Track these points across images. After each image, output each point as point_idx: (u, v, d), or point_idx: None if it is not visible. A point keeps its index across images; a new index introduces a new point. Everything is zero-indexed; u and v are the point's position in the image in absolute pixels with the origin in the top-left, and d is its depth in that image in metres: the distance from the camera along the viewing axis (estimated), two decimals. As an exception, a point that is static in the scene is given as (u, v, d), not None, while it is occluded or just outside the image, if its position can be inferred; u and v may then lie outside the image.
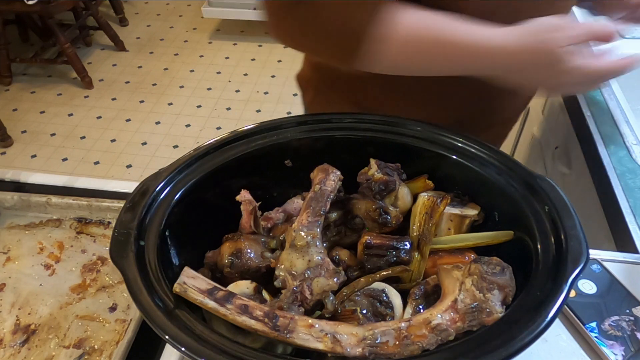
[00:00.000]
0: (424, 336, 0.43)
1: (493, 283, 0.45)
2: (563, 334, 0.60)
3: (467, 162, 0.58)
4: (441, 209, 0.56)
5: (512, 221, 0.54)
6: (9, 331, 0.64)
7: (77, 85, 2.79)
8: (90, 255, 0.74)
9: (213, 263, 0.56)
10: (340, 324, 0.44)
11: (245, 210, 0.56)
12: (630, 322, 0.60)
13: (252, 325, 0.44)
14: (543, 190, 0.52)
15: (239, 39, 3.17)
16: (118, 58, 3.02)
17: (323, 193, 0.54)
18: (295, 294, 0.48)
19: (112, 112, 2.64)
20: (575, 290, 0.63)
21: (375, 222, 0.57)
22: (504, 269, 0.46)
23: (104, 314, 0.66)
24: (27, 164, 2.35)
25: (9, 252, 0.74)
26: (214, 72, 2.92)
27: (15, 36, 3.05)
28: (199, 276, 0.47)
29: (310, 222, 0.51)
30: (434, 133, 0.60)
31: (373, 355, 0.42)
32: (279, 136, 0.62)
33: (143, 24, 3.35)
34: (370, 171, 0.59)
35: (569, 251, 0.46)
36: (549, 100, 1.25)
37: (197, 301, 0.45)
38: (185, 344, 0.41)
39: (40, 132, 2.52)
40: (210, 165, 0.58)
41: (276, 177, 0.63)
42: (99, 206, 0.77)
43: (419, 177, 0.61)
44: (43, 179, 0.84)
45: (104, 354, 0.62)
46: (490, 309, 0.44)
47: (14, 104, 2.69)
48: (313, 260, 0.49)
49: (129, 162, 2.36)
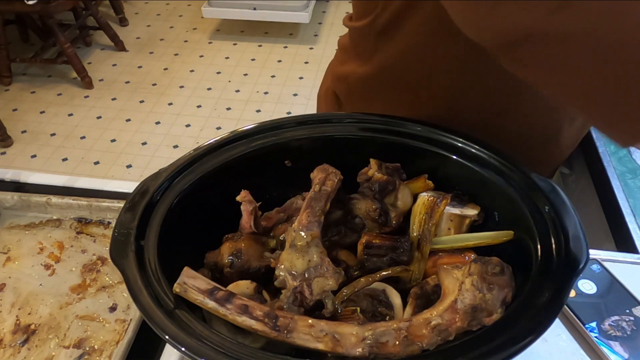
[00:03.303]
0: (424, 336, 0.43)
1: (493, 283, 0.45)
2: (563, 334, 0.60)
3: (467, 162, 0.58)
4: (441, 209, 0.56)
5: (512, 221, 0.54)
6: (9, 331, 0.64)
7: (77, 85, 2.79)
8: (90, 255, 0.74)
9: (213, 263, 0.56)
10: (340, 324, 0.44)
11: (245, 210, 0.56)
12: (630, 322, 0.60)
13: (252, 325, 0.44)
14: (543, 190, 0.52)
15: (239, 39, 3.17)
16: (118, 58, 3.02)
17: (323, 193, 0.54)
18: (295, 294, 0.48)
19: (112, 112, 2.64)
20: (575, 290, 0.63)
21: (375, 222, 0.57)
22: (504, 269, 0.46)
23: (104, 314, 0.66)
24: (27, 164, 2.35)
25: (9, 252, 0.74)
26: (214, 72, 2.92)
27: (15, 36, 3.04)
28: (199, 276, 0.47)
29: (310, 222, 0.51)
30: (434, 133, 0.60)
31: (373, 355, 0.42)
32: (279, 136, 0.62)
33: (143, 24, 3.35)
34: (370, 171, 0.59)
35: (569, 251, 0.46)
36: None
37: (197, 301, 0.45)
38: (185, 344, 0.41)
39: (40, 132, 2.52)
40: (210, 166, 0.58)
41: (276, 177, 0.63)
42: (99, 206, 0.77)
43: (419, 177, 0.61)
44: (43, 179, 0.84)
45: (104, 354, 0.62)
46: (490, 309, 0.44)
47: (14, 104, 2.69)
48: (313, 260, 0.49)
49: (129, 162, 2.36)
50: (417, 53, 0.65)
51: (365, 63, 0.72)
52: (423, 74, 0.67)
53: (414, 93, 0.69)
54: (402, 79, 0.69)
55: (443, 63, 0.64)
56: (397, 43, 0.65)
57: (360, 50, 0.73)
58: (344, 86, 0.78)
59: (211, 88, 2.80)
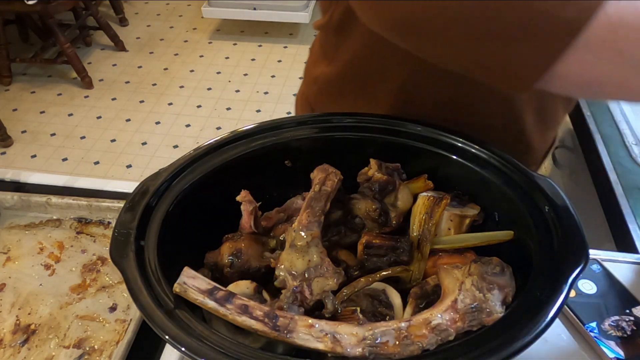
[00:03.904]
0: (424, 336, 0.43)
1: (493, 283, 0.45)
2: (563, 334, 0.60)
3: (467, 162, 0.58)
4: (441, 209, 0.56)
5: (512, 221, 0.54)
6: (9, 331, 0.64)
7: (77, 85, 2.80)
8: (90, 255, 0.74)
9: (213, 263, 0.56)
10: (340, 324, 0.44)
11: (246, 210, 0.56)
12: (630, 322, 0.59)
13: (252, 325, 0.44)
14: (543, 190, 0.52)
15: (239, 39, 3.18)
16: (118, 58, 3.02)
17: (323, 193, 0.54)
18: (295, 294, 0.48)
19: (112, 112, 2.64)
20: (575, 290, 0.63)
21: (375, 222, 0.57)
22: (504, 269, 0.46)
23: (104, 314, 0.66)
24: (27, 164, 2.35)
25: (9, 252, 0.74)
26: (214, 72, 2.92)
27: (15, 36, 3.05)
28: (199, 276, 0.47)
29: (310, 222, 0.51)
30: (434, 133, 0.60)
31: (373, 355, 0.42)
32: (279, 136, 0.62)
33: (143, 24, 3.35)
34: (370, 171, 0.59)
35: (569, 251, 0.46)
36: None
37: (197, 301, 0.45)
38: (185, 344, 0.41)
39: (40, 132, 2.52)
40: (210, 166, 0.58)
41: (276, 177, 0.63)
42: (99, 206, 0.77)
43: (419, 177, 0.61)
44: (43, 179, 0.84)
45: (104, 354, 0.62)
46: (490, 309, 0.44)
47: (14, 104, 2.69)
48: (313, 260, 0.49)
49: (129, 162, 2.36)
50: (371, 48, 0.65)
51: (331, 63, 0.73)
52: (378, 69, 0.67)
53: (373, 88, 0.70)
54: (361, 75, 0.70)
55: (396, 57, 0.64)
56: (353, 40, 0.66)
57: (326, 50, 0.74)
58: (315, 88, 0.78)
59: (211, 88, 2.80)
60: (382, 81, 0.68)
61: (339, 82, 0.73)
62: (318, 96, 0.78)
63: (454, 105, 0.67)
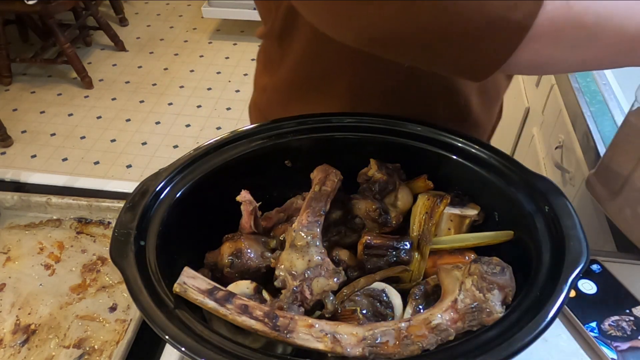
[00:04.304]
0: (424, 336, 0.43)
1: (493, 283, 0.45)
2: (563, 334, 0.60)
3: (467, 162, 0.58)
4: (441, 209, 0.56)
5: (512, 221, 0.54)
6: (9, 331, 0.64)
7: (77, 85, 2.80)
8: (90, 255, 0.74)
9: (213, 263, 0.56)
10: (340, 324, 0.44)
11: (245, 211, 0.57)
12: (630, 322, 0.59)
13: (252, 325, 0.44)
14: (543, 190, 0.52)
15: (239, 39, 3.18)
16: (118, 58, 3.02)
17: (323, 193, 0.54)
18: (295, 294, 0.48)
19: (112, 112, 2.64)
20: (575, 290, 0.63)
21: (375, 222, 0.57)
22: (504, 269, 0.46)
23: (104, 314, 0.66)
24: (27, 164, 2.35)
25: (9, 252, 0.74)
26: (214, 72, 2.92)
27: (15, 36, 3.05)
28: (199, 276, 0.47)
29: (310, 222, 0.51)
30: (434, 133, 0.60)
31: (373, 355, 0.42)
32: (279, 136, 0.62)
33: (143, 24, 3.35)
34: (370, 171, 0.59)
35: (569, 251, 0.46)
36: (549, 100, 1.25)
37: (197, 301, 0.45)
38: (185, 344, 0.41)
39: (40, 132, 2.52)
40: (210, 166, 0.58)
41: (276, 177, 0.63)
42: (99, 206, 0.77)
43: (419, 177, 0.61)
44: (43, 179, 0.84)
45: (104, 354, 0.62)
46: (490, 309, 0.44)
47: (14, 104, 2.69)
48: (313, 260, 0.49)
49: (129, 162, 2.36)
50: (315, 51, 0.66)
51: (277, 70, 0.73)
52: (325, 70, 0.68)
53: (322, 90, 0.71)
54: (309, 78, 0.70)
55: (341, 56, 0.64)
56: (297, 45, 0.66)
57: (271, 58, 0.74)
58: (265, 97, 0.79)
59: (211, 88, 2.80)
60: (330, 82, 0.69)
61: (288, 88, 0.73)
62: (269, 104, 0.78)
63: (402, 94, 0.69)
